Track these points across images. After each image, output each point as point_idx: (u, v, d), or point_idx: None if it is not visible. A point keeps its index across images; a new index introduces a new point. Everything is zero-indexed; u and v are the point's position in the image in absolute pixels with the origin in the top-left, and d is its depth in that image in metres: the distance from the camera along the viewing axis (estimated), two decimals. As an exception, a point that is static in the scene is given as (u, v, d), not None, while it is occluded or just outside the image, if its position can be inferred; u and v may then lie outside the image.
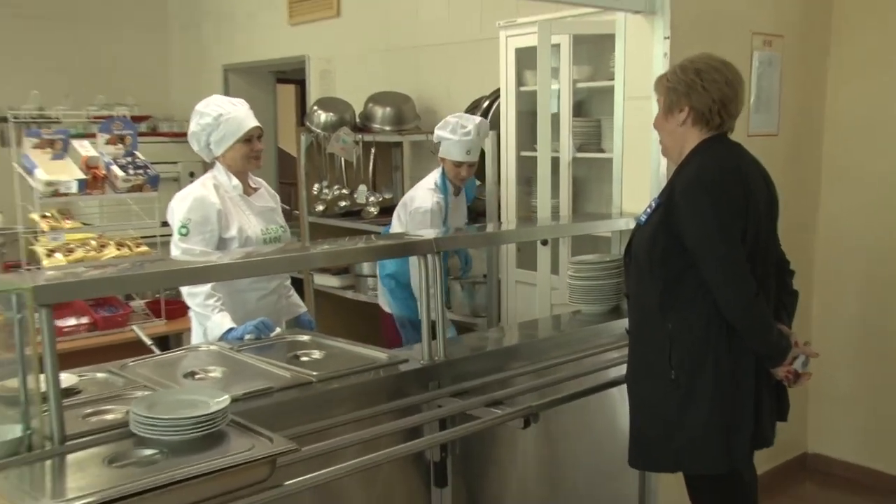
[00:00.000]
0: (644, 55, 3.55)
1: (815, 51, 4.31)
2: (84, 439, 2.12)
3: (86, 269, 2.60)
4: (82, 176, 4.08)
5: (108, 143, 4.31)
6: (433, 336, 2.82)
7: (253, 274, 2.96)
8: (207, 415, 2.06)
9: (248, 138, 3.38)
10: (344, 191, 5.79)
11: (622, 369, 3.20)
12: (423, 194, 4.41)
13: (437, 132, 4.40)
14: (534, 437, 3.10)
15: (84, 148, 4.26)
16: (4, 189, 4.25)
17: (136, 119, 7.82)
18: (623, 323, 3.49)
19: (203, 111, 3.38)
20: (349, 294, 5.77)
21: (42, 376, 2.06)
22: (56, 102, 5.70)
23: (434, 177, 4.47)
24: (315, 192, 5.90)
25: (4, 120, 4.38)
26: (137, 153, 4.33)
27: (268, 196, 3.58)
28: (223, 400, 2.12)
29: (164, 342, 4.36)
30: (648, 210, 2.79)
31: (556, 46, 4.26)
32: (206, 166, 3.60)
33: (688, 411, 2.65)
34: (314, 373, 2.63)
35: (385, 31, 6.44)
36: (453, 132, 4.33)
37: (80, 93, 6.99)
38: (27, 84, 6.69)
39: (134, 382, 2.59)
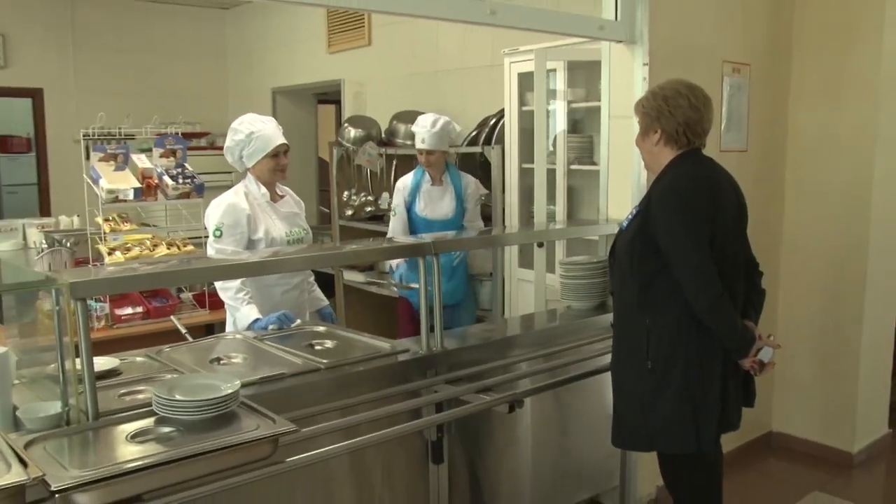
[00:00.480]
0: (626, 79, 3.47)
1: (778, 77, 4.23)
2: (114, 416, 2.09)
3: (128, 268, 2.57)
4: (138, 185, 4.06)
5: (161, 156, 4.30)
6: (431, 329, 2.76)
7: (270, 271, 2.91)
8: (219, 398, 2.02)
9: (276, 154, 3.35)
10: (369, 197, 5.75)
11: (605, 359, 3.14)
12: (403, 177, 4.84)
13: (412, 127, 4.77)
14: (525, 418, 3.04)
15: (141, 161, 4.26)
16: (79, 195, 4.29)
17: (197, 135, 7.95)
18: (608, 317, 3.41)
19: (237, 128, 3.35)
20: (373, 289, 5.72)
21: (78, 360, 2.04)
22: (135, 123, 5.83)
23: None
24: (345, 199, 5.87)
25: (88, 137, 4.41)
26: (187, 165, 4.31)
27: (293, 202, 3.53)
28: (234, 385, 2.08)
29: (210, 329, 4.35)
30: (629, 217, 2.75)
31: (554, 71, 4.19)
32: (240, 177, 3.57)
33: (661, 397, 2.60)
34: (324, 360, 2.58)
35: (409, 58, 6.40)
36: (415, 125, 4.64)
37: (153, 113, 7.14)
38: (113, 106, 6.84)
39: (166, 366, 2.56)
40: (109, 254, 3.92)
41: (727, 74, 3.82)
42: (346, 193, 5.86)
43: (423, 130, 4.55)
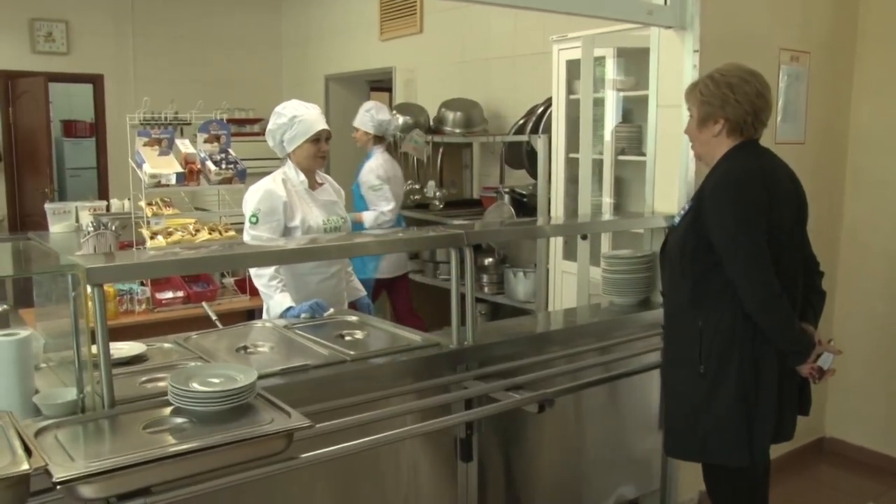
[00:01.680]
0: (675, 67, 3.30)
1: (841, 66, 3.99)
2: (130, 405, 2.04)
3: (158, 253, 2.52)
4: (180, 169, 4.04)
5: (206, 141, 4.27)
6: (462, 322, 2.65)
7: (300, 259, 2.84)
8: (234, 389, 1.94)
9: (317, 139, 3.28)
10: (416, 185, 5.65)
11: (647, 358, 3.01)
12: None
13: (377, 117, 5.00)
14: (561, 416, 2.91)
15: (185, 146, 4.24)
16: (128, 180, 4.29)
17: (251, 121, 7.96)
18: (652, 314, 3.28)
19: (280, 112, 3.31)
20: (418, 277, 5.63)
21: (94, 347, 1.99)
22: (188, 108, 5.89)
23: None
24: (392, 187, 5.78)
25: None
26: (230, 150, 4.28)
27: (331, 190, 3.46)
28: (250, 376, 2.00)
29: (251, 315, 4.32)
30: (682, 212, 2.59)
31: (602, 59, 4.03)
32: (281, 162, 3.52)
33: (713, 401, 2.44)
34: (351, 352, 2.50)
35: (460, 46, 6.29)
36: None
37: (210, 100, 7.23)
38: (170, 93, 6.93)
39: (191, 353, 2.52)
40: (152, 238, 3.92)
41: (784, 63, 3.61)
42: (392, 181, 5.77)
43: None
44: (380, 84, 8.30)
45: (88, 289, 1.96)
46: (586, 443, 3.13)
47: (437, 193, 5.48)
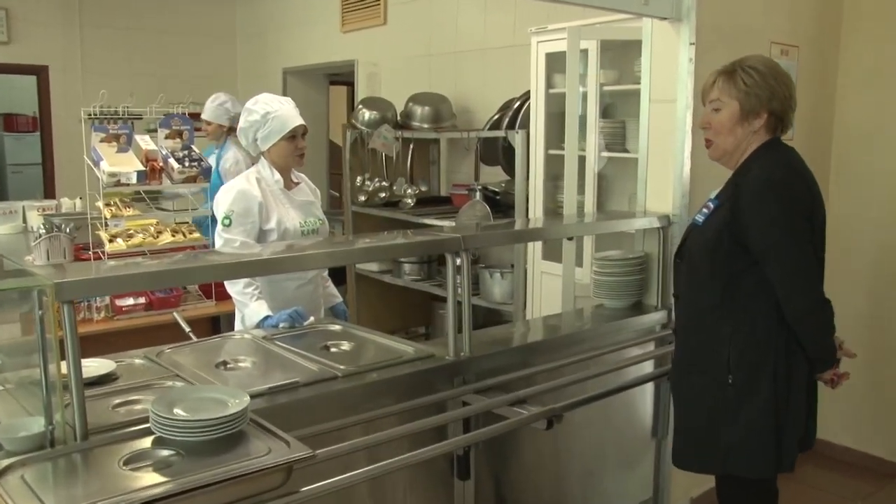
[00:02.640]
0: (669, 60, 3.15)
1: (827, 60, 3.92)
2: (105, 435, 1.82)
3: (124, 265, 2.28)
4: (141, 167, 3.77)
5: (167, 137, 3.99)
6: (458, 330, 2.47)
7: (284, 270, 2.62)
8: (225, 417, 1.73)
9: (293, 136, 3.06)
10: (384, 183, 5.44)
11: (644, 367, 2.87)
12: None
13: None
14: (555, 431, 2.74)
15: (145, 142, 3.96)
16: (83, 178, 3.99)
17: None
18: (647, 319, 3.15)
19: (252, 108, 3.07)
20: (387, 278, 5.43)
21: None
22: (142, 103, 5.58)
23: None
24: (358, 184, 5.56)
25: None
26: (194, 147, 4.01)
27: (308, 190, 3.25)
28: (242, 401, 1.80)
29: (216, 321, 4.08)
30: (706, 211, 2.40)
31: (585, 52, 3.87)
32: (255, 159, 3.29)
33: (741, 412, 2.29)
34: (341, 366, 2.31)
35: (427, 38, 6.08)
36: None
37: (161, 94, 6.90)
38: (120, 87, 6.58)
39: (166, 371, 2.30)
40: (110, 241, 3.64)
41: (775, 57, 3.49)
42: (359, 178, 5.56)
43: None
44: (340, 78, 8.08)
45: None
46: (580, 454, 2.98)
47: (409, 191, 5.27)
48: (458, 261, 2.44)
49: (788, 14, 3.63)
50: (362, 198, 5.51)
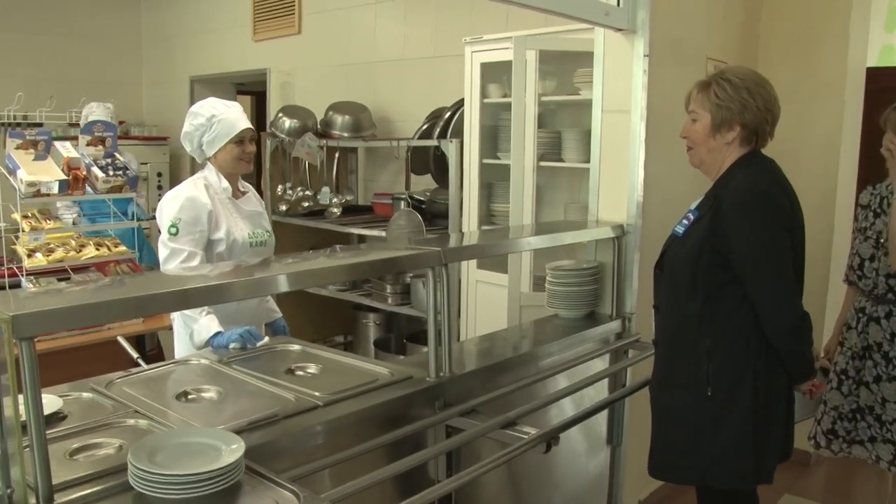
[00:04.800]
0: (623, 71, 2.99)
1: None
2: (75, 496, 1.43)
3: (68, 287, 1.88)
4: (63, 177, 3.29)
5: (89, 144, 3.51)
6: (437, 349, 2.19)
7: (249, 295, 2.26)
8: (220, 469, 1.40)
9: (240, 140, 2.72)
10: (307, 192, 5.08)
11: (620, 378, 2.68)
12: None
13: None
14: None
15: (66, 149, 3.46)
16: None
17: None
18: (603, 329, 2.97)
19: (197, 112, 2.72)
20: (311, 288, 5.06)
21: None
22: (41, 107, 4.98)
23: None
24: (279, 193, 5.18)
25: None
26: (118, 154, 3.55)
27: (256, 201, 2.90)
28: (237, 448, 1.46)
29: (140, 340, 3.63)
30: (686, 222, 2.24)
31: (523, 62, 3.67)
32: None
33: (721, 424, 2.14)
34: (316, 393, 1.98)
35: (343, 48, 5.75)
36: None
37: (63, 99, 6.21)
38: (17, 91, 5.89)
39: (124, 406, 1.90)
40: (29, 256, 3.15)
41: (710, 72, 3.41)
42: (279, 188, 5.18)
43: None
44: (246, 88, 7.61)
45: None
46: (537, 467, 2.75)
47: (334, 200, 4.93)
48: (438, 274, 2.16)
49: (720, 31, 3.57)
50: (283, 207, 5.13)
